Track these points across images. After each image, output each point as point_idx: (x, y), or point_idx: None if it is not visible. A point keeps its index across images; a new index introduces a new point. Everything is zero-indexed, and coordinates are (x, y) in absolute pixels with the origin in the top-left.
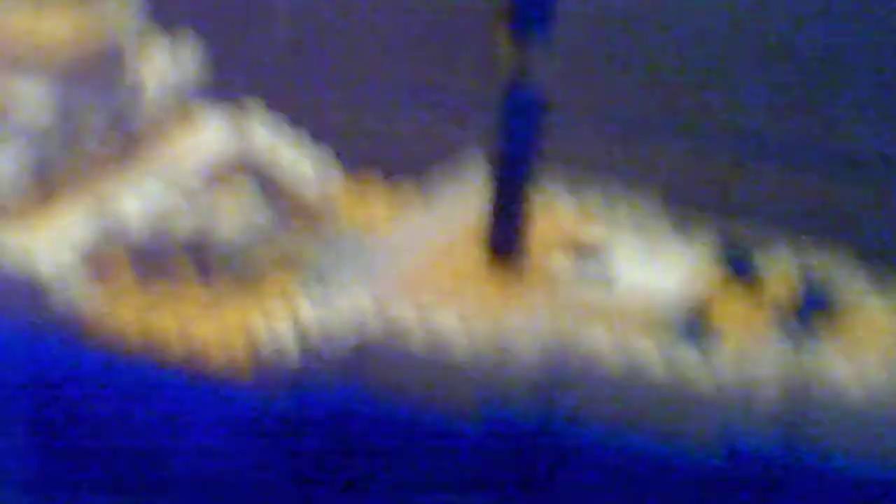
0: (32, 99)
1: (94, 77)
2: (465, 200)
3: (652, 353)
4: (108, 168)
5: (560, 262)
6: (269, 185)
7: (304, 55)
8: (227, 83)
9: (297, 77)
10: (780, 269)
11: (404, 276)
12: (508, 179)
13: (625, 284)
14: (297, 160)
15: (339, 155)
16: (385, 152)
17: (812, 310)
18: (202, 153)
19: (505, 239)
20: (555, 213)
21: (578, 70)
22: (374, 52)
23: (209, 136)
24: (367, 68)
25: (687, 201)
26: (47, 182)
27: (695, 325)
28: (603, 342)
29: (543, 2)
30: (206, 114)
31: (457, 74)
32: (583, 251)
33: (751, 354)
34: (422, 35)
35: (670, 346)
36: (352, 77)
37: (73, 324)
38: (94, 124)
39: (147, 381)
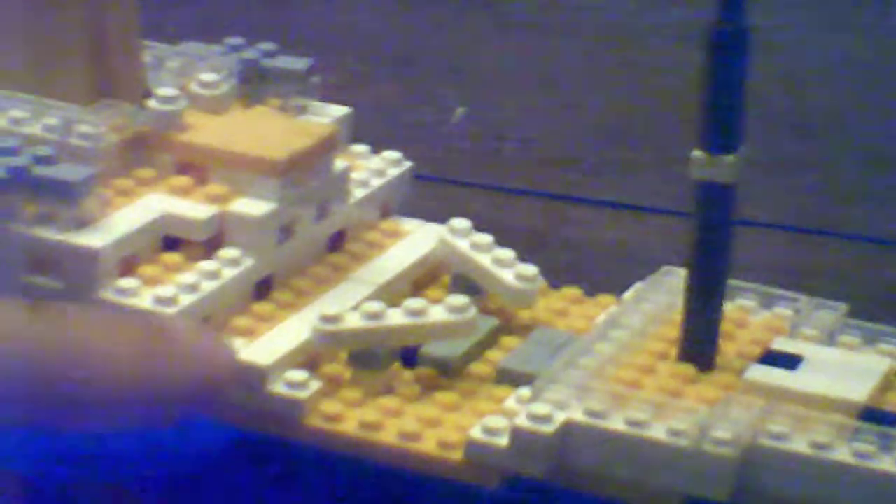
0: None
1: (305, 183)
2: (662, 311)
3: (838, 443)
4: (317, 271)
5: (754, 372)
6: (472, 292)
7: (501, 169)
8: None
9: (497, 195)
10: None
11: (602, 372)
12: (704, 292)
13: (816, 392)
14: (500, 271)
15: (539, 267)
16: (586, 265)
17: None
18: (406, 261)
19: (700, 349)
20: (749, 325)
21: (768, 173)
22: (575, 167)
23: (413, 245)
24: (568, 183)
25: (875, 314)
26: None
27: (880, 420)
28: (794, 438)
29: (735, 114)
30: (408, 224)
31: (657, 189)
32: (776, 361)
33: None
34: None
35: (859, 440)
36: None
37: (290, 415)
38: (305, 230)
39: (361, 471)
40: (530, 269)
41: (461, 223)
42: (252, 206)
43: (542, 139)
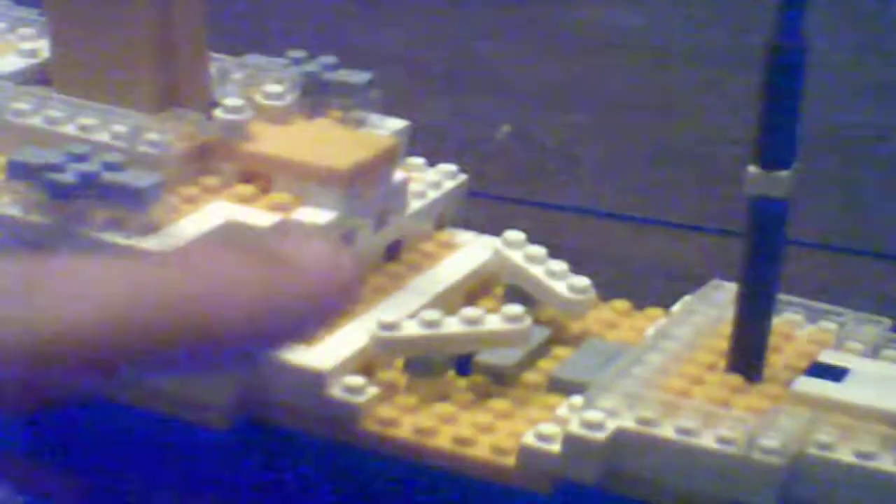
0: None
1: (366, 193)
2: (711, 324)
3: (884, 453)
4: (375, 280)
5: (801, 383)
6: (525, 303)
7: (548, 185)
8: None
9: (543, 204)
10: None
11: (653, 381)
12: (752, 306)
13: (861, 404)
14: (553, 282)
15: (591, 279)
16: (634, 279)
17: None
18: (462, 271)
19: (749, 361)
20: (796, 338)
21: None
22: (622, 184)
23: (469, 256)
24: (616, 197)
25: None
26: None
27: None
28: (840, 448)
29: (791, 130)
30: (463, 236)
31: (706, 204)
32: (823, 373)
33: None
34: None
35: None
36: (600, 205)
37: (348, 419)
38: (364, 239)
39: (416, 476)
40: (583, 281)
41: (515, 235)
42: (314, 215)
43: (588, 158)
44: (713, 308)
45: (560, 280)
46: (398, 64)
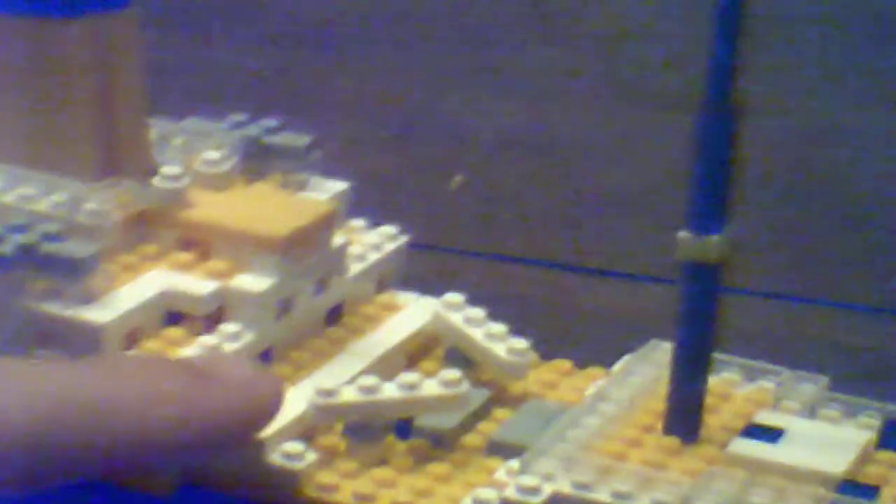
0: (253, 284)
1: (305, 259)
2: (649, 384)
3: None
4: (315, 345)
5: (736, 445)
6: (465, 365)
7: (497, 237)
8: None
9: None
10: None
11: (590, 445)
12: (689, 367)
13: (796, 465)
14: (493, 344)
15: (533, 334)
16: (580, 332)
17: None
18: (401, 335)
19: (685, 422)
20: (733, 398)
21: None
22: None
23: (408, 319)
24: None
25: (854, 388)
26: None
27: (857, 492)
28: None
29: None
30: (403, 298)
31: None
32: (761, 436)
33: None
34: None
35: None
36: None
37: (287, 485)
38: (304, 305)
39: None
40: (521, 343)
41: (454, 298)
42: (252, 282)
43: (539, 206)
44: (652, 368)
45: (499, 342)
46: (351, 114)
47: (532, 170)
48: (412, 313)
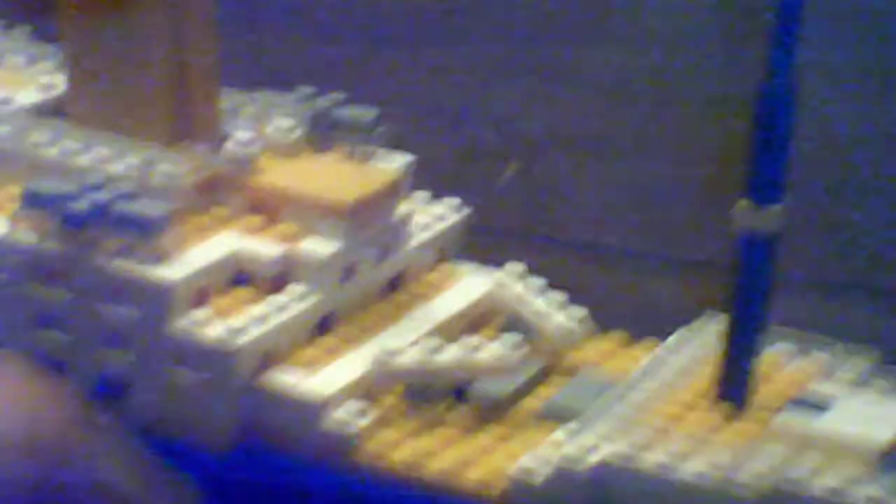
0: (319, 248)
1: (370, 226)
2: (703, 355)
3: (856, 487)
4: (378, 309)
5: (788, 416)
6: (525, 333)
7: (551, 218)
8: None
9: (546, 240)
10: None
11: (640, 415)
12: (740, 338)
13: (840, 436)
14: (551, 313)
15: (591, 313)
16: (631, 311)
17: None
18: (462, 302)
19: (736, 391)
20: (785, 368)
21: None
22: (624, 222)
23: (469, 287)
24: (616, 236)
25: None
26: (328, 319)
27: None
28: (813, 479)
29: (781, 166)
30: (465, 268)
31: (697, 244)
32: (810, 405)
33: None
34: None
35: (873, 482)
36: (602, 243)
37: (344, 445)
38: (368, 270)
39: (410, 502)
40: (579, 312)
41: (515, 267)
42: (318, 246)
43: (591, 198)
44: (706, 339)
45: (557, 311)
46: (408, 102)
47: (583, 162)
48: (472, 282)
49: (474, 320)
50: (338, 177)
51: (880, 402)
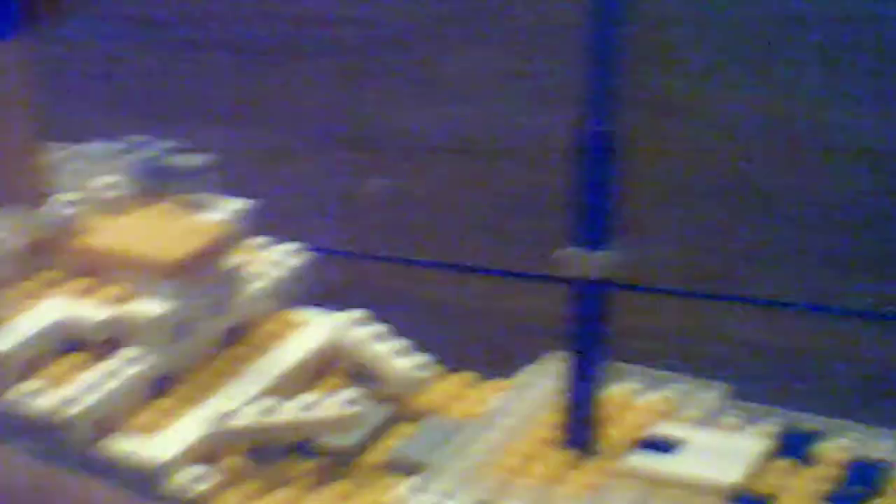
0: (149, 309)
1: (201, 281)
2: (547, 397)
3: None
4: (215, 366)
5: (634, 457)
6: (367, 381)
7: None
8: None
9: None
10: (834, 455)
11: (490, 461)
12: (583, 381)
13: (691, 476)
14: (394, 360)
15: (437, 356)
16: (490, 334)
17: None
18: (302, 352)
19: (582, 435)
20: (634, 407)
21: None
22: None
23: (309, 336)
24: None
25: (753, 396)
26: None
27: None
28: None
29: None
30: (305, 315)
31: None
32: (658, 447)
33: None
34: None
35: None
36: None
37: None
38: (202, 327)
39: None
40: (422, 358)
41: (356, 314)
42: (148, 307)
43: (454, 208)
44: (551, 380)
45: (401, 357)
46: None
47: (451, 173)
48: (314, 330)
49: (317, 368)
50: (165, 232)
51: (728, 439)
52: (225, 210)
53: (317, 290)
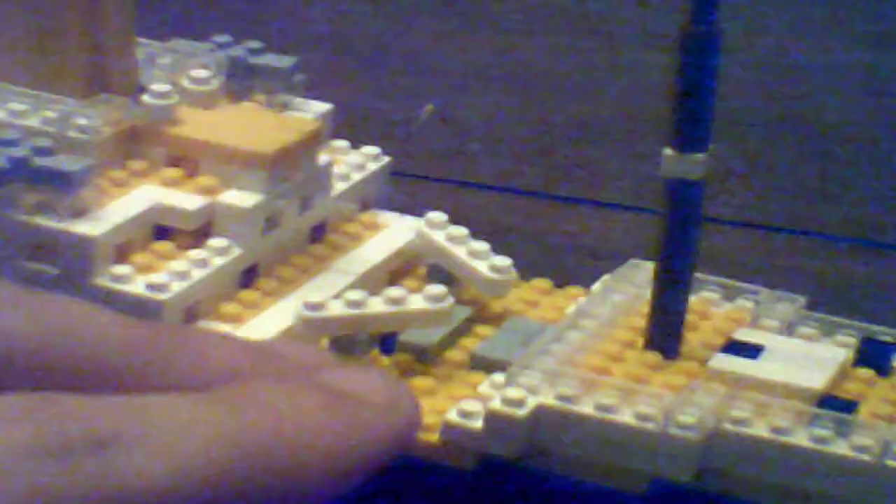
0: (240, 200)
1: (291, 176)
2: (629, 302)
3: (796, 428)
4: (300, 261)
5: (717, 360)
6: (447, 282)
7: (469, 166)
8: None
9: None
10: None
11: (573, 359)
12: (671, 285)
13: (776, 380)
14: (475, 262)
15: (513, 258)
16: (554, 259)
17: None
18: (385, 252)
19: (666, 339)
20: (712, 316)
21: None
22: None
23: (391, 237)
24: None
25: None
26: (251, 272)
27: (837, 407)
28: (755, 423)
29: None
30: (386, 217)
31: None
32: (741, 352)
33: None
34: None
35: (816, 426)
36: (522, 184)
37: None
38: (290, 221)
39: None
40: (504, 261)
41: (437, 216)
42: (240, 198)
43: (511, 137)
44: (632, 286)
45: (481, 260)
46: (323, 45)
47: (501, 102)
48: (395, 231)
49: (398, 270)
50: (257, 127)
51: (809, 347)
52: (310, 111)
53: (387, 203)
